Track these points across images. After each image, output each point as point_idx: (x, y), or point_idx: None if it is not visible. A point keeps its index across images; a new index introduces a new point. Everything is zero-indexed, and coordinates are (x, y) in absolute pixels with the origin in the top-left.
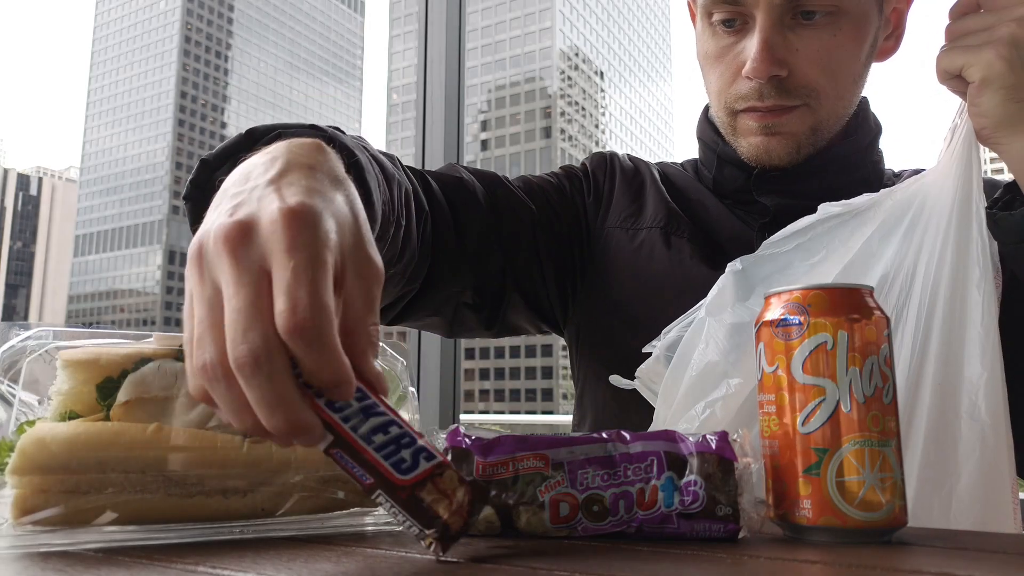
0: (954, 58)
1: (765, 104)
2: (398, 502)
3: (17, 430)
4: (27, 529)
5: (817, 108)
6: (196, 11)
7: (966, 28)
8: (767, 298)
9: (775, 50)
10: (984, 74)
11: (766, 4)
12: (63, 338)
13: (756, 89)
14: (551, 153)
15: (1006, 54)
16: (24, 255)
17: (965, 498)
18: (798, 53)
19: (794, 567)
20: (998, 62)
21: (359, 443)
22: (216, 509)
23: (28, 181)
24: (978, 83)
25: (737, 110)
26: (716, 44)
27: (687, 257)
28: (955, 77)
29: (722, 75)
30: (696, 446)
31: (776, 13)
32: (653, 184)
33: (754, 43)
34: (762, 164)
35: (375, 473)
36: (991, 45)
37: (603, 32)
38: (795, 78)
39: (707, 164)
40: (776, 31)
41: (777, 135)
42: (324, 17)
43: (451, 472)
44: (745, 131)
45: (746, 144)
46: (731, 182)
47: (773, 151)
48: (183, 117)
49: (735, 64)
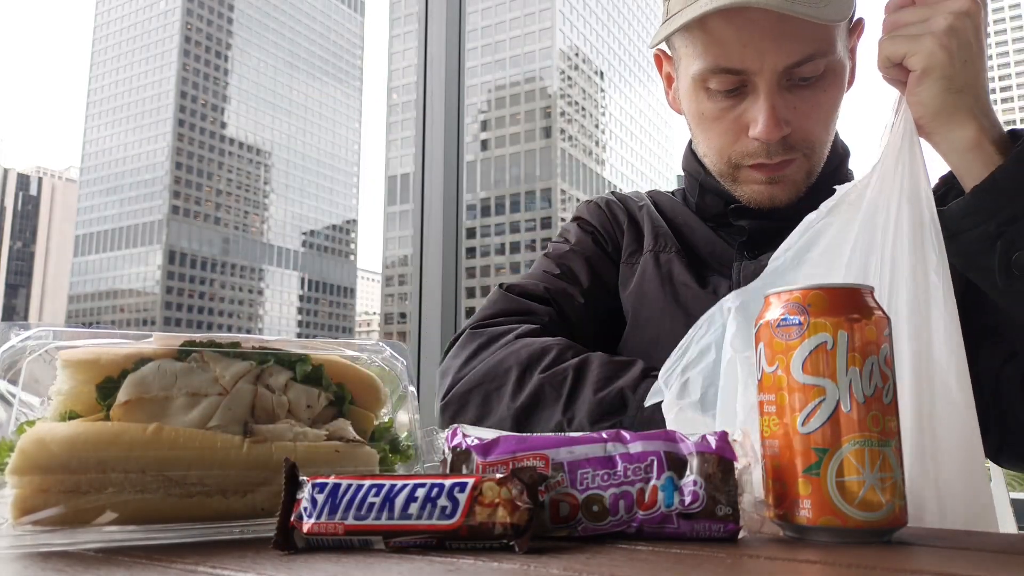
0: (897, 46)
1: (773, 161)
2: (466, 539)
3: (17, 430)
4: (27, 529)
5: (811, 155)
6: (196, 11)
7: (904, 20)
8: (767, 298)
9: (779, 112)
10: (926, 64)
11: (770, 73)
12: (63, 338)
13: (764, 149)
14: (551, 153)
15: (946, 43)
16: (24, 255)
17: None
18: (796, 111)
19: (794, 567)
20: (939, 51)
21: (405, 525)
22: (216, 509)
23: (28, 181)
24: (920, 72)
25: (743, 165)
26: (713, 106)
27: (675, 270)
28: (896, 66)
29: (723, 134)
30: (696, 446)
31: (778, 80)
32: (645, 216)
33: (761, 109)
34: (764, 208)
35: (433, 534)
36: (931, 35)
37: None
38: (796, 134)
39: (691, 192)
40: (778, 95)
41: (779, 183)
42: (324, 17)
43: (488, 483)
44: (748, 180)
45: (749, 191)
46: (712, 208)
47: (776, 197)
48: (183, 117)
49: (737, 125)
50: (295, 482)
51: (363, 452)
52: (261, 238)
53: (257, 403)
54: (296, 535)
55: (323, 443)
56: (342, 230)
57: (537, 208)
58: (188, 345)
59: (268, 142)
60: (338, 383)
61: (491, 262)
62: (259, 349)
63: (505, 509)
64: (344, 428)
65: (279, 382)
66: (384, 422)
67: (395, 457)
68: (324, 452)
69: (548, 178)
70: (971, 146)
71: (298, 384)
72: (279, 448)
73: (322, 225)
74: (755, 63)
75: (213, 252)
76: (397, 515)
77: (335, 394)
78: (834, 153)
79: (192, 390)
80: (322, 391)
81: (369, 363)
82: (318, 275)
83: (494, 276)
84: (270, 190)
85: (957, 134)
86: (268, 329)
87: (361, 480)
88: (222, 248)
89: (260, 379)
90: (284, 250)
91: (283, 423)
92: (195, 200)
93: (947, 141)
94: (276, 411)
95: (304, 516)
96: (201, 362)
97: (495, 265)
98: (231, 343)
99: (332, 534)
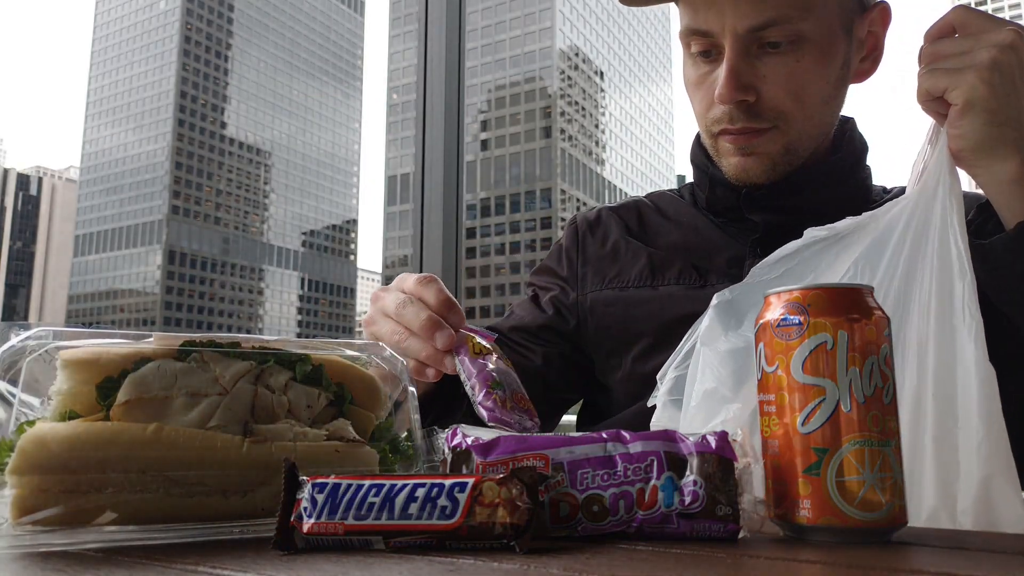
0: (937, 80)
1: (736, 127)
2: (466, 539)
3: (17, 430)
4: (27, 529)
5: (787, 130)
6: (196, 11)
7: (944, 52)
8: (767, 298)
9: (741, 76)
10: (967, 97)
11: (731, 35)
12: (63, 338)
13: (727, 113)
14: (551, 153)
15: (988, 78)
16: (24, 255)
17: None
18: (765, 79)
19: (794, 567)
20: (981, 86)
21: (405, 524)
22: (216, 509)
23: (28, 181)
24: (961, 106)
25: (714, 132)
26: (695, 72)
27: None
28: (936, 99)
29: (702, 100)
30: (696, 446)
31: (741, 43)
32: (627, 236)
33: (721, 71)
34: (742, 182)
35: (433, 534)
36: (973, 69)
37: (603, 32)
38: (763, 102)
39: (700, 186)
40: (742, 59)
41: (752, 155)
42: (324, 17)
43: (488, 483)
44: (725, 152)
45: (727, 164)
46: (723, 201)
47: (750, 169)
48: (183, 117)
49: (711, 90)
50: (295, 482)
51: (363, 452)
52: (261, 238)
53: (257, 403)
54: (296, 535)
55: (323, 443)
56: (342, 230)
57: (537, 208)
58: (188, 345)
59: (268, 142)
60: (338, 383)
61: (491, 262)
62: (259, 349)
63: (505, 509)
64: (344, 428)
65: (279, 382)
66: (384, 422)
67: (395, 457)
68: (324, 452)
69: (548, 178)
70: (1014, 179)
71: (298, 384)
72: (279, 448)
73: (322, 225)
74: (716, 24)
75: (213, 252)
76: (397, 515)
77: (335, 394)
78: (852, 146)
79: (192, 390)
80: (322, 391)
81: (369, 363)
82: (318, 275)
83: (494, 276)
84: (270, 190)
85: (998, 167)
86: (268, 329)
87: (361, 480)
88: (222, 248)
89: (260, 379)
90: (284, 250)
91: (283, 423)
92: (195, 200)
93: (989, 173)
94: (276, 411)
95: (304, 516)
96: (201, 362)
97: (495, 265)
98: (231, 343)
99: (332, 534)
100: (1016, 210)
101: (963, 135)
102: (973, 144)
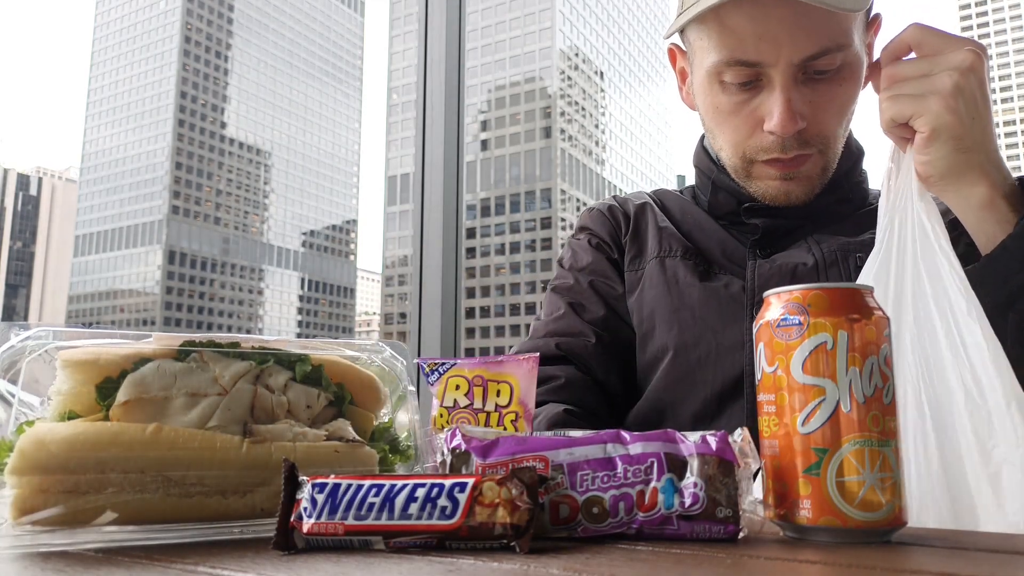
0: (902, 107)
1: (788, 156)
2: (466, 539)
3: (17, 430)
4: (27, 529)
5: (826, 151)
6: (196, 11)
7: (904, 74)
8: (767, 298)
9: (795, 106)
10: (934, 125)
11: (786, 65)
12: (63, 338)
13: (779, 143)
14: (551, 153)
15: (953, 105)
16: (24, 255)
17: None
18: (812, 105)
19: (794, 567)
20: (946, 114)
21: (405, 525)
22: (216, 509)
23: (28, 181)
24: (928, 134)
25: (758, 160)
26: (728, 100)
27: (681, 274)
28: (901, 125)
29: (738, 128)
30: (696, 447)
31: (794, 73)
32: (648, 220)
33: (776, 101)
34: (780, 204)
35: (433, 535)
36: (937, 96)
37: (603, 32)
38: (811, 129)
39: (703, 189)
40: (794, 88)
41: (795, 180)
42: (324, 17)
43: (488, 483)
44: (763, 176)
45: (764, 187)
46: (724, 206)
47: (792, 194)
48: (183, 117)
49: (752, 119)
50: (295, 482)
51: (363, 452)
52: (261, 238)
53: (257, 403)
54: (296, 535)
55: (323, 443)
56: (342, 230)
57: (537, 208)
58: (188, 345)
59: (268, 142)
60: (338, 383)
61: (491, 262)
62: (259, 349)
63: (505, 509)
64: (344, 428)
65: (279, 382)
66: (384, 422)
67: (395, 457)
68: (324, 452)
69: (548, 178)
70: (984, 204)
71: (298, 384)
72: (279, 448)
73: (322, 225)
74: (771, 55)
75: (213, 252)
76: (397, 515)
77: (335, 394)
78: (848, 151)
79: (192, 390)
80: (322, 391)
81: (369, 363)
82: (318, 275)
83: (494, 276)
84: (270, 190)
85: (967, 191)
86: (268, 329)
87: (361, 480)
88: (222, 248)
89: (260, 379)
90: (284, 250)
91: (283, 423)
92: (195, 200)
93: (959, 198)
94: (276, 411)
95: (304, 516)
96: (201, 362)
97: (495, 265)
98: (231, 343)
99: (332, 534)
100: (988, 233)
101: (931, 162)
102: (942, 171)
